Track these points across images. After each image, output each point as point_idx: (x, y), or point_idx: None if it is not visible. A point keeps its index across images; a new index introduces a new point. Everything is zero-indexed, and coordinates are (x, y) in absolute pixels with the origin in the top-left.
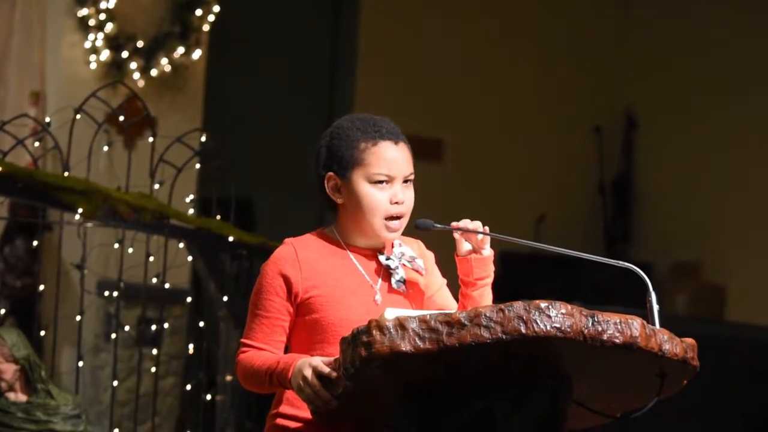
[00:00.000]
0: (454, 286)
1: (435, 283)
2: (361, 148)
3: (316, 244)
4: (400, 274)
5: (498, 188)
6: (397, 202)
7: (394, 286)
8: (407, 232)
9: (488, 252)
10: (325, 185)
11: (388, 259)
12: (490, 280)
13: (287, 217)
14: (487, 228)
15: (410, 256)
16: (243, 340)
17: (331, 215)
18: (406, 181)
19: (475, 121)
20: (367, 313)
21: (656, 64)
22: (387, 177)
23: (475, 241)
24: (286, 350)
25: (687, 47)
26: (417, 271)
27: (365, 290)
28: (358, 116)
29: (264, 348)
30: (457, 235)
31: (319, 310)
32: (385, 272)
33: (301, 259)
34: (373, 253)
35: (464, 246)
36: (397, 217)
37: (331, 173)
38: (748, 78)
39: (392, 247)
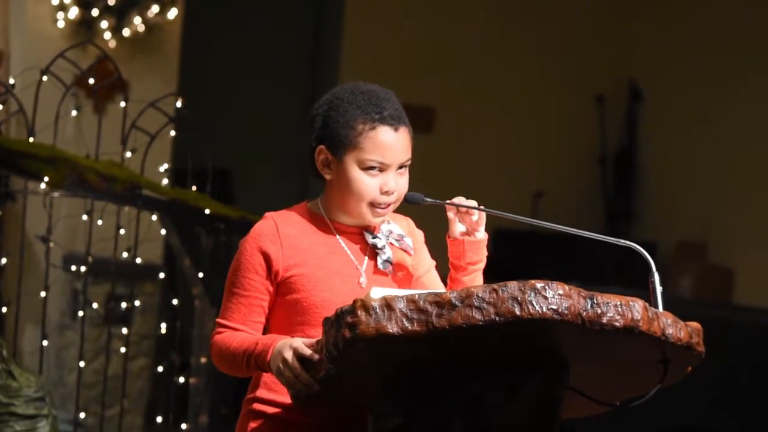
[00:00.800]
0: (444, 269)
1: (423, 264)
2: (357, 130)
3: (298, 220)
4: (387, 253)
5: (492, 161)
6: (387, 192)
7: (380, 266)
8: (397, 209)
9: (482, 235)
10: (316, 157)
11: (374, 237)
12: (482, 265)
13: (268, 190)
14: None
15: (398, 234)
16: (219, 320)
17: (317, 186)
18: (401, 167)
19: (469, 88)
20: (351, 293)
21: (662, 30)
22: (380, 165)
23: (469, 222)
24: (265, 332)
25: (696, 11)
26: (405, 251)
27: (350, 270)
28: (362, 88)
29: (241, 329)
30: (450, 214)
31: (300, 290)
32: (372, 251)
33: (283, 234)
34: (360, 231)
35: (457, 227)
36: (386, 205)
37: (322, 146)
38: (762, 46)
39: (380, 224)
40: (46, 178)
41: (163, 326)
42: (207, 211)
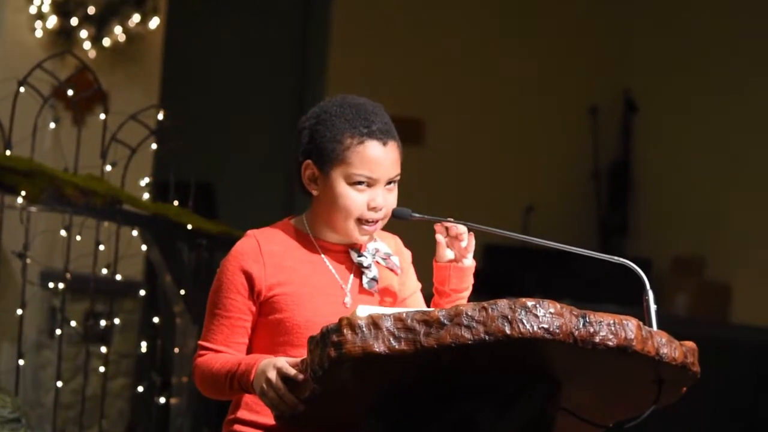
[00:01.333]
0: (428, 293)
1: (409, 285)
2: (345, 145)
3: (282, 237)
4: (372, 272)
5: (483, 174)
6: (374, 208)
7: (366, 285)
8: (386, 226)
9: (470, 262)
10: (302, 172)
11: (360, 255)
12: (467, 293)
13: (252, 204)
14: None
15: (385, 252)
16: (201, 342)
17: (303, 200)
18: (390, 183)
19: (459, 100)
20: (335, 313)
21: (658, 39)
22: (368, 180)
23: (458, 248)
24: (248, 353)
25: (692, 22)
26: (392, 270)
27: (334, 290)
28: (350, 101)
29: (224, 351)
30: (440, 237)
31: (283, 309)
32: (357, 270)
33: (265, 253)
34: (345, 249)
35: (445, 253)
36: (373, 222)
37: (309, 161)
38: (759, 56)
39: (367, 242)
40: (23, 192)
41: (144, 345)
42: (189, 227)
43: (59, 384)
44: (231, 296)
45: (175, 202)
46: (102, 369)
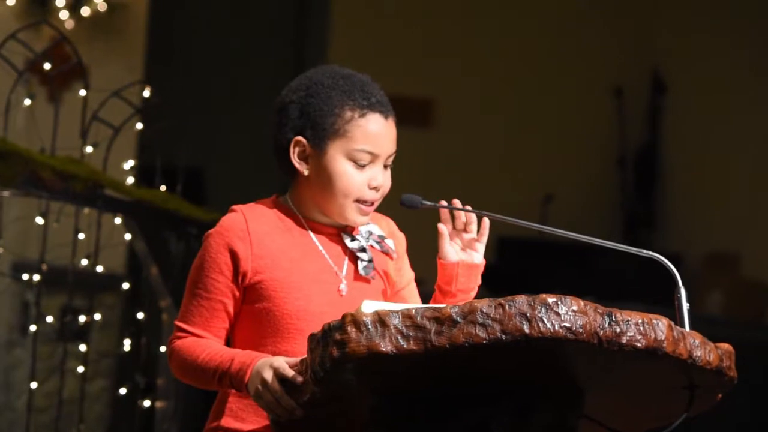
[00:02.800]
0: (426, 291)
1: (405, 274)
2: (346, 118)
3: (269, 215)
4: (367, 257)
5: (497, 160)
6: (375, 188)
7: (361, 271)
8: (383, 210)
9: (480, 258)
10: (290, 150)
11: (353, 240)
12: (473, 294)
13: (244, 190)
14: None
15: (379, 235)
16: (178, 322)
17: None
18: (387, 164)
19: (472, 78)
20: (330, 303)
21: (688, 13)
22: (370, 156)
23: (465, 242)
24: (229, 343)
25: None
26: (387, 254)
27: (328, 276)
28: (341, 72)
29: (203, 335)
30: (443, 228)
31: (271, 297)
32: (351, 254)
33: (252, 231)
34: (337, 231)
35: (449, 250)
36: (371, 202)
37: (300, 138)
38: None
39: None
40: None
41: (126, 343)
42: (177, 214)
43: (33, 386)
44: (213, 276)
45: (162, 188)
46: (80, 369)
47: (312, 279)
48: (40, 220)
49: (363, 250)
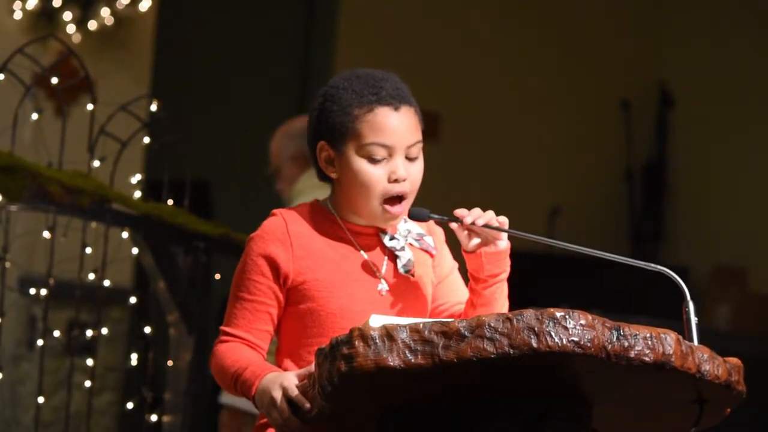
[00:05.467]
0: (463, 275)
1: (445, 265)
2: (353, 115)
3: (309, 218)
4: (407, 256)
5: (504, 173)
6: (396, 180)
7: (401, 270)
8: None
9: (505, 244)
10: (318, 156)
11: (392, 239)
12: (504, 275)
13: (252, 204)
14: (505, 221)
15: (418, 233)
16: (222, 327)
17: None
18: (411, 153)
19: (478, 91)
20: (371, 302)
21: (696, 25)
22: (384, 149)
23: (489, 232)
24: (277, 347)
25: (734, 3)
26: (427, 252)
27: (367, 276)
28: (358, 73)
29: (245, 337)
30: (456, 226)
31: (315, 297)
32: (390, 254)
33: (293, 233)
34: (375, 231)
35: (470, 240)
36: (399, 198)
37: (323, 143)
38: None
39: (396, 223)
40: (2, 190)
41: (134, 357)
42: (184, 228)
43: (40, 400)
44: (255, 278)
45: (170, 201)
46: (87, 384)
47: (353, 278)
48: (47, 235)
49: (402, 248)
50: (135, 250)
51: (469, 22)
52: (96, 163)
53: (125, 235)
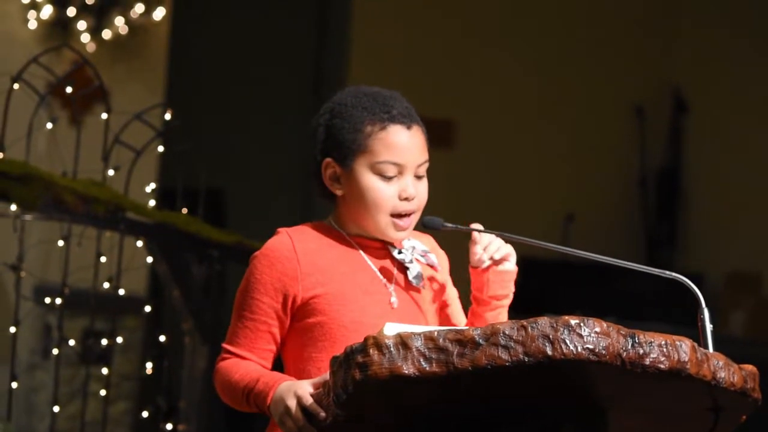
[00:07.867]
0: (465, 302)
1: (449, 291)
2: (366, 133)
3: (315, 235)
4: (416, 268)
5: (519, 180)
6: (407, 198)
7: (413, 281)
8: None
9: (512, 266)
10: (322, 173)
11: (400, 253)
12: (508, 301)
13: (266, 212)
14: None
15: (422, 249)
16: (224, 344)
17: (321, 207)
18: (419, 172)
19: (492, 99)
20: (383, 315)
21: (710, 30)
22: (396, 168)
23: (502, 242)
24: (283, 363)
25: (749, 7)
26: (431, 267)
27: (378, 288)
28: (365, 91)
29: (247, 356)
30: (473, 237)
31: (325, 311)
32: (399, 267)
33: (299, 250)
34: (383, 245)
35: (480, 257)
36: (407, 215)
37: (329, 159)
38: None
39: (402, 239)
40: (17, 199)
41: (148, 366)
42: (198, 237)
43: (55, 409)
44: (257, 297)
45: (184, 210)
46: (102, 392)
47: (363, 291)
48: (61, 244)
49: (411, 261)
50: (149, 259)
51: (484, 30)
52: (110, 172)
53: (140, 243)
